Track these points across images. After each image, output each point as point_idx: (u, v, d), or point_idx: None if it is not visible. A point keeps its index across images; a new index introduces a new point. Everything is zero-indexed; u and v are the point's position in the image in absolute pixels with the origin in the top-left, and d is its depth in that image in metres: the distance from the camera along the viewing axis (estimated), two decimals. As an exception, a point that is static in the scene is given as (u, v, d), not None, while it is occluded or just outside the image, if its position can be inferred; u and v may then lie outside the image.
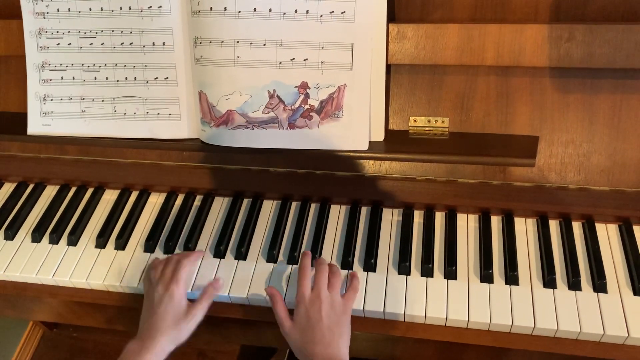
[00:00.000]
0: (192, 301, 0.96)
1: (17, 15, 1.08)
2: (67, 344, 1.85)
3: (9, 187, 1.24)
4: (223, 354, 1.71)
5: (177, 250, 1.08)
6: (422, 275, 0.99)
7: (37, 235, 1.12)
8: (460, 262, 1.00)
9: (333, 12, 0.94)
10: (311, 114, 1.00)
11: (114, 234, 1.12)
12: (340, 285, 0.95)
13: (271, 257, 1.04)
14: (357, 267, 1.01)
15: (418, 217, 1.08)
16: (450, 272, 0.98)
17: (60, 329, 1.87)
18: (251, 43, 0.96)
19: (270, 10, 0.94)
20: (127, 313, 1.14)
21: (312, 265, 0.98)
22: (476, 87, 0.99)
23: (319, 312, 0.89)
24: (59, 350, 1.84)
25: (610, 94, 0.96)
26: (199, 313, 0.94)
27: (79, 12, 1.04)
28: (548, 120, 0.98)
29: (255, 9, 0.94)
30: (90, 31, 1.04)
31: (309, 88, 0.99)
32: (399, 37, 0.97)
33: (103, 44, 1.04)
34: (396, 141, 1.02)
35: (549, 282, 0.96)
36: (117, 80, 1.06)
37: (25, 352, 1.82)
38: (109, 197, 1.20)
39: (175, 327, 0.91)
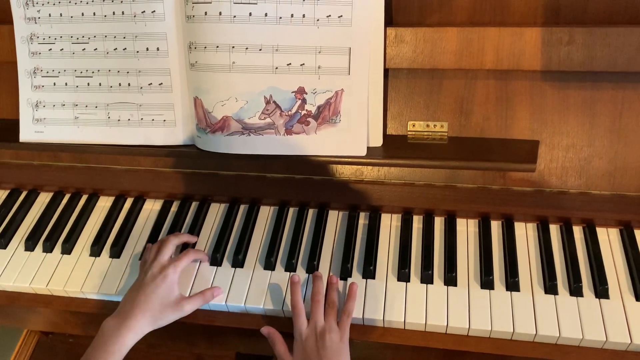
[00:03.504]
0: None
1: (8, 20, 1.06)
2: (64, 349, 1.83)
3: (1, 194, 1.23)
4: (220, 358, 1.70)
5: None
6: (421, 282, 0.98)
7: (30, 244, 1.11)
8: (460, 268, 0.99)
9: (330, 16, 0.92)
10: (308, 119, 0.99)
11: (109, 241, 1.10)
12: (336, 313, 0.93)
13: (269, 265, 1.02)
14: (356, 273, 1.00)
15: (417, 222, 1.07)
16: (450, 279, 0.97)
17: (56, 334, 1.85)
18: (247, 48, 0.95)
19: (266, 14, 0.93)
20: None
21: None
22: (475, 91, 0.98)
23: (315, 345, 0.88)
24: (55, 356, 1.82)
25: (611, 97, 0.94)
26: (188, 309, 0.94)
27: (71, 17, 1.02)
28: (548, 124, 0.97)
29: (250, 14, 0.93)
30: (83, 36, 1.03)
31: (306, 93, 0.97)
32: (397, 41, 0.96)
33: (96, 49, 1.03)
34: (395, 146, 1.01)
35: (550, 288, 0.95)
36: (111, 86, 1.04)
37: (21, 357, 1.80)
38: (104, 203, 1.18)
39: (159, 310, 0.90)
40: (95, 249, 1.08)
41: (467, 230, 1.05)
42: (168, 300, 0.92)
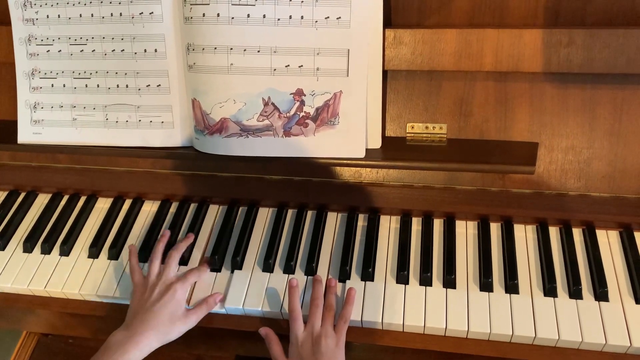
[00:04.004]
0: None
1: (6, 22, 1.06)
2: (63, 350, 1.83)
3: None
4: (220, 359, 1.70)
5: (171, 260, 1.06)
6: (420, 284, 0.97)
7: (28, 245, 1.10)
8: (460, 271, 0.98)
9: (328, 17, 0.92)
10: (307, 121, 0.98)
11: (107, 243, 1.10)
12: (333, 318, 0.92)
13: (267, 267, 1.02)
14: (355, 276, 1.00)
15: (416, 224, 1.07)
16: (449, 281, 0.97)
17: (55, 335, 1.85)
18: (245, 50, 0.94)
19: (264, 16, 0.92)
20: (120, 323, 1.12)
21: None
22: (474, 92, 0.98)
23: (310, 350, 0.88)
24: (55, 357, 1.82)
25: (610, 99, 0.94)
26: (194, 320, 0.94)
27: (69, 18, 1.02)
28: (548, 126, 0.97)
29: (248, 15, 0.92)
30: (81, 38, 1.02)
31: (305, 95, 0.97)
32: (396, 43, 0.95)
33: (94, 50, 1.02)
34: (393, 148, 1.01)
35: (549, 290, 0.94)
36: (109, 88, 1.04)
37: (21, 359, 1.79)
38: (102, 205, 1.18)
39: (168, 326, 0.91)
40: (94, 251, 1.08)
41: (466, 232, 1.05)
42: (176, 314, 0.92)
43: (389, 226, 1.07)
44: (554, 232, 1.03)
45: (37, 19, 1.03)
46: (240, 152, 1.01)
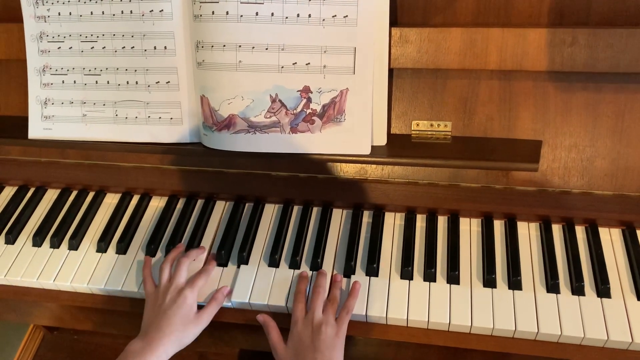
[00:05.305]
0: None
1: (18, 19, 1.07)
2: (68, 346, 1.84)
3: (9, 191, 1.24)
4: (223, 356, 1.71)
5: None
6: (424, 280, 0.99)
7: (38, 240, 1.12)
8: (463, 267, 1.00)
9: (335, 16, 0.93)
10: (313, 118, 1.00)
11: (115, 238, 1.11)
12: (335, 309, 0.94)
13: (273, 262, 1.03)
14: (360, 271, 1.01)
15: (420, 221, 1.08)
16: (453, 277, 0.98)
17: (61, 331, 1.86)
18: (253, 47, 0.96)
19: (272, 14, 0.94)
20: (127, 317, 1.14)
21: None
22: (479, 91, 0.99)
23: (311, 336, 0.89)
24: (60, 353, 1.83)
25: (614, 98, 0.95)
26: (206, 318, 0.96)
27: (80, 15, 1.03)
28: (551, 124, 0.98)
29: (257, 13, 0.94)
30: (92, 35, 1.04)
31: (311, 92, 0.98)
32: (402, 41, 0.96)
33: (104, 47, 1.04)
34: (398, 145, 1.02)
35: (552, 286, 0.95)
36: (119, 84, 1.06)
37: (26, 354, 1.81)
38: (110, 201, 1.19)
39: (182, 330, 0.92)
40: (102, 245, 1.10)
41: (470, 229, 1.06)
42: (188, 318, 0.94)
43: (393, 223, 1.08)
44: (557, 230, 1.04)
45: (48, 17, 1.05)
46: (247, 148, 1.02)
